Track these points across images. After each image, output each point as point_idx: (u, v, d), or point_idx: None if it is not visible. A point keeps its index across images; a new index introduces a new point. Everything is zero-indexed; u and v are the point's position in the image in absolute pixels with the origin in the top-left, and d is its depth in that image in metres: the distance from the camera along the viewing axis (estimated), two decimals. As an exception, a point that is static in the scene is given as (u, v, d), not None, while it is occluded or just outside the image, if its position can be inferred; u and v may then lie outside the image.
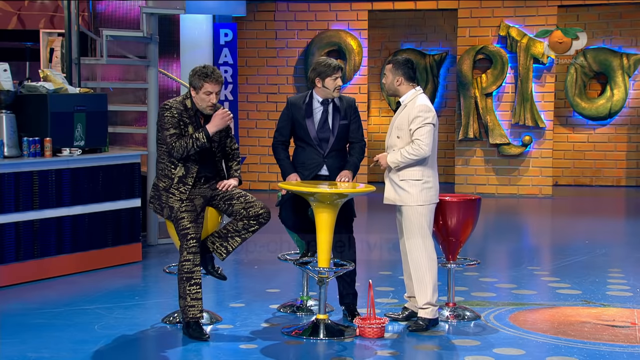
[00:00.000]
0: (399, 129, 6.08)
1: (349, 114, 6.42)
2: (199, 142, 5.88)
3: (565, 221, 12.01)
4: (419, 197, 6.03)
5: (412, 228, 6.05)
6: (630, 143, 15.24)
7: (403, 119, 6.07)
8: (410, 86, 6.12)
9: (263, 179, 14.44)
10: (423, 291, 6.06)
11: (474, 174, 14.19)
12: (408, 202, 6.04)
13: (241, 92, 14.00)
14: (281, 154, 6.46)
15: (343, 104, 6.42)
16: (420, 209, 6.03)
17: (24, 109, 7.77)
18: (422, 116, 5.98)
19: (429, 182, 6.07)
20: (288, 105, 6.46)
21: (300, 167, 6.41)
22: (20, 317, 6.42)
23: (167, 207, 5.94)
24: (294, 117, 6.39)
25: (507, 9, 13.94)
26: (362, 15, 14.24)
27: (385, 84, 6.21)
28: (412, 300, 6.28)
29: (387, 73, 6.16)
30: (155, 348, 5.97)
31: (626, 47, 14.94)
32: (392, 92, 6.18)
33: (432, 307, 6.09)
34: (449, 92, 15.19)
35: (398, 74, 6.10)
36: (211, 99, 5.94)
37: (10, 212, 7.40)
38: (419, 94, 6.11)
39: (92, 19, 10.06)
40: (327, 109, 6.36)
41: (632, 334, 6.05)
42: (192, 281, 5.83)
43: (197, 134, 5.89)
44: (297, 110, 6.38)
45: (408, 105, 6.08)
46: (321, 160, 6.35)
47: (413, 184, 6.03)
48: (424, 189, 6.04)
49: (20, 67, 10.74)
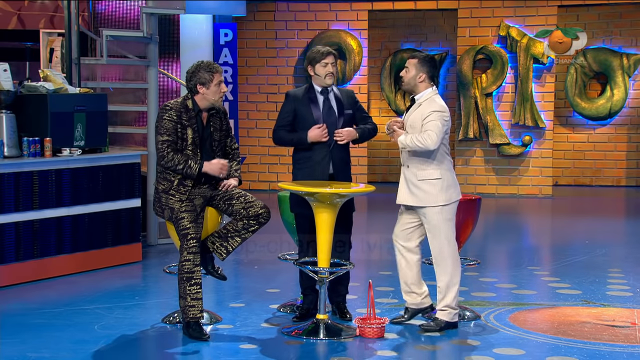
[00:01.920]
0: (412, 127, 6.03)
1: (351, 104, 6.38)
2: (190, 170, 5.86)
3: (565, 221, 12.01)
4: (439, 196, 5.96)
5: (435, 229, 5.99)
6: (630, 143, 15.24)
7: (417, 117, 6.02)
8: (429, 85, 6.09)
9: (263, 179, 14.44)
10: (449, 294, 6.01)
11: (474, 174, 14.20)
12: (428, 202, 5.98)
13: (241, 92, 14.01)
14: (285, 134, 6.35)
15: (343, 95, 6.39)
16: (442, 208, 5.97)
17: (24, 109, 7.77)
18: (437, 115, 5.94)
19: (448, 180, 5.99)
20: (289, 98, 6.36)
21: (304, 164, 6.34)
22: (20, 317, 6.42)
23: (168, 208, 5.93)
24: (296, 109, 6.31)
25: (507, 9, 13.94)
26: (362, 15, 14.25)
27: (404, 77, 6.11)
28: (412, 296, 6.21)
29: (410, 67, 6.08)
30: (155, 348, 5.97)
31: (626, 47, 14.94)
32: (410, 87, 6.10)
33: (451, 310, 6.05)
34: (449, 92, 15.19)
35: (423, 71, 6.05)
36: (223, 87, 5.98)
37: (10, 212, 7.40)
38: (435, 94, 6.09)
39: (92, 19, 10.06)
40: (329, 97, 6.32)
41: (632, 334, 6.05)
42: (192, 281, 5.83)
43: (193, 164, 5.86)
44: (299, 101, 6.30)
45: (423, 104, 6.04)
46: (327, 151, 6.26)
47: (433, 183, 5.97)
48: (444, 188, 5.98)
49: (20, 67, 10.74)
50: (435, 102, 6.03)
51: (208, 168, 5.92)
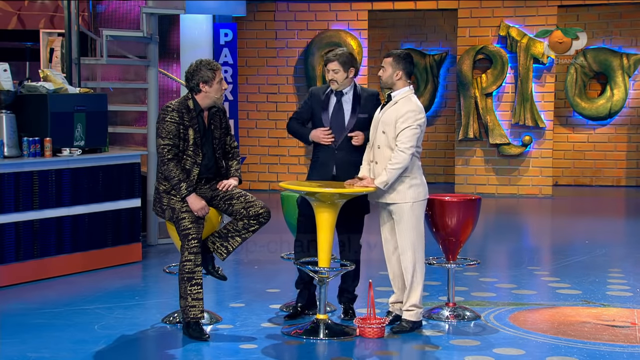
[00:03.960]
0: (385, 124, 5.98)
1: (370, 106, 6.28)
2: (179, 191, 5.84)
3: (565, 221, 12.01)
4: (407, 194, 5.95)
5: (404, 227, 5.98)
6: (630, 143, 15.24)
7: (391, 115, 5.97)
8: (406, 82, 6.07)
9: (263, 179, 14.43)
10: (413, 292, 6.02)
11: (474, 174, 14.19)
12: (397, 199, 5.98)
13: (241, 92, 14.00)
14: (295, 125, 6.41)
15: (363, 97, 6.32)
16: (413, 206, 5.97)
17: (24, 109, 7.77)
18: (411, 117, 5.90)
19: (416, 178, 5.99)
20: (310, 94, 6.45)
21: (314, 163, 6.38)
22: (20, 317, 6.42)
23: (169, 208, 5.93)
24: (312, 108, 6.37)
25: (507, 9, 13.94)
26: (362, 15, 14.24)
27: (382, 76, 6.08)
28: (398, 305, 6.21)
29: (386, 66, 6.05)
30: (155, 348, 5.97)
31: (626, 47, 14.94)
32: (388, 85, 6.07)
33: (417, 310, 6.06)
34: (449, 92, 15.19)
35: (399, 68, 6.02)
36: (224, 84, 6.01)
37: (10, 212, 7.40)
38: (412, 93, 6.06)
39: (92, 19, 10.06)
40: (341, 100, 6.31)
41: (632, 334, 6.05)
42: (193, 281, 5.83)
43: (184, 188, 5.82)
44: (316, 100, 6.36)
45: (399, 102, 5.99)
46: (331, 153, 6.27)
47: (401, 179, 5.93)
48: (412, 186, 5.96)
49: (20, 67, 10.74)
50: (411, 101, 5.99)
51: (191, 201, 5.86)
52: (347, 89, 6.30)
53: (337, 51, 6.30)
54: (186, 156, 5.93)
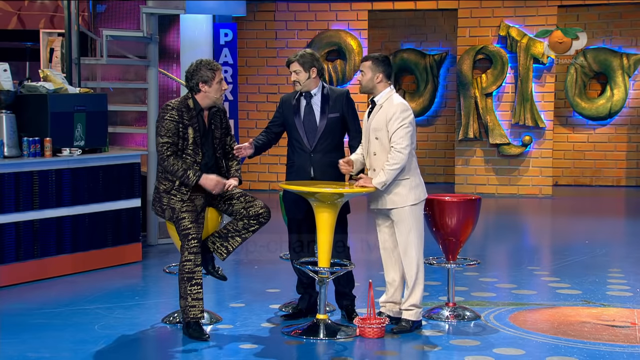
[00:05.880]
0: (376, 130, 5.96)
1: (340, 105, 6.26)
2: (187, 180, 5.85)
3: (565, 221, 12.01)
4: (409, 196, 5.96)
5: (406, 229, 5.98)
6: (630, 143, 15.24)
7: (380, 120, 5.95)
8: (387, 84, 6.05)
9: (263, 179, 14.44)
10: (414, 292, 6.02)
11: (474, 174, 14.19)
12: (399, 203, 5.97)
13: (241, 92, 14.00)
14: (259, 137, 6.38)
15: (333, 96, 6.28)
16: (413, 208, 5.97)
17: (24, 109, 7.77)
18: (400, 117, 5.89)
19: (415, 179, 5.99)
20: (281, 102, 6.39)
21: (290, 168, 6.34)
22: (20, 317, 6.42)
23: (169, 208, 5.93)
24: (284, 115, 6.32)
25: (507, 9, 13.94)
26: (362, 15, 14.24)
27: (361, 81, 6.06)
28: (389, 306, 6.21)
29: (365, 70, 6.01)
30: (155, 348, 5.97)
31: (626, 47, 14.94)
32: (368, 89, 6.04)
33: (417, 309, 6.07)
34: (449, 92, 15.19)
35: (378, 71, 5.99)
36: (224, 84, 6.01)
37: (10, 212, 7.40)
38: (393, 93, 6.05)
39: (92, 19, 10.06)
40: (310, 102, 6.26)
41: (632, 334, 6.05)
42: (193, 281, 5.83)
43: (191, 175, 5.84)
44: (287, 107, 6.32)
45: (384, 105, 5.97)
46: (307, 156, 6.23)
47: (401, 183, 5.95)
48: (413, 188, 5.97)
49: (20, 67, 10.75)
50: (395, 101, 5.97)
51: (204, 182, 5.89)
52: (315, 90, 6.26)
53: (298, 52, 6.28)
54: (186, 155, 5.93)
